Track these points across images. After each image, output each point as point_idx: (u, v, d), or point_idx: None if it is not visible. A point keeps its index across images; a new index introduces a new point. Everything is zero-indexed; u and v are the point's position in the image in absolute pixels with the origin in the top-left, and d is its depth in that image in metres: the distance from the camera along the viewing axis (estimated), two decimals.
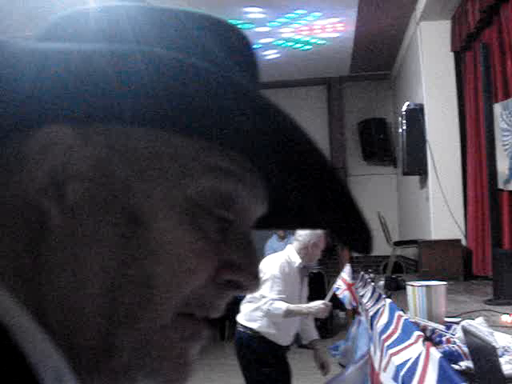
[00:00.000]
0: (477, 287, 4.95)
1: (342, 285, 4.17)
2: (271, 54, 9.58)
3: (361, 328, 4.31)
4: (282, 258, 4.19)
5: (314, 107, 11.33)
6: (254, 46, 0.68)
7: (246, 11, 7.90)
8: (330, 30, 8.55)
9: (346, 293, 4.19)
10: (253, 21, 8.22)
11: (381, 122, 10.68)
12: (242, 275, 0.59)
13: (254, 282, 0.60)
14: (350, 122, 11.10)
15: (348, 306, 4.17)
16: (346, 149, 11.12)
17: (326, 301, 4.15)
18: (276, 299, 3.93)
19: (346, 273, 4.22)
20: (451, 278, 5.24)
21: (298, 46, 9.21)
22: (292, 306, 3.96)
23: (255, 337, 4.02)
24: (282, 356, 4.18)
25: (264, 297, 3.95)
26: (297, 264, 4.19)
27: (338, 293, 4.21)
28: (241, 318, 4.14)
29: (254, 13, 7.98)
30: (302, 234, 4.24)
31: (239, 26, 0.67)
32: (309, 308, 4.06)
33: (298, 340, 8.48)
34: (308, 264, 4.31)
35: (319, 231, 4.22)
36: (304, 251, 4.19)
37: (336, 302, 4.55)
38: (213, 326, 0.62)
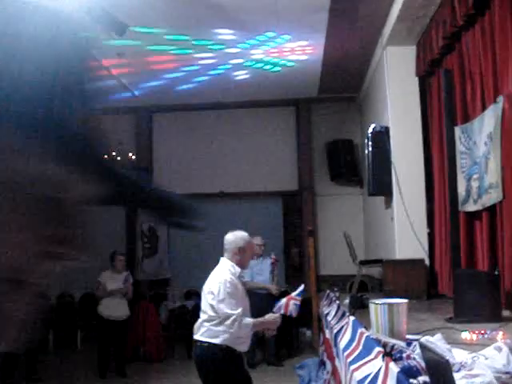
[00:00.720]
0: (439, 306, 5.06)
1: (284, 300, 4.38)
2: (241, 75, 9.70)
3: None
4: (227, 272, 4.32)
5: (282, 128, 11.48)
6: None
7: (217, 32, 8.01)
8: (299, 52, 8.71)
9: (282, 300, 4.40)
10: (223, 42, 8.33)
11: (348, 143, 10.86)
12: (64, 247, 0.63)
13: (75, 253, 0.65)
14: (317, 143, 11.26)
15: (275, 311, 4.33)
16: (314, 169, 11.27)
17: (278, 313, 4.36)
18: (240, 315, 4.08)
19: (298, 292, 4.39)
20: (415, 296, 5.36)
21: (268, 67, 9.34)
22: (257, 320, 4.23)
23: (217, 349, 4.14)
24: (242, 364, 4.38)
25: (229, 316, 4.06)
26: (238, 272, 4.36)
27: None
28: (201, 336, 4.24)
29: (225, 34, 8.09)
30: (227, 243, 4.49)
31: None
32: (269, 320, 4.30)
33: (267, 358, 8.54)
34: (243, 269, 4.48)
35: (242, 236, 4.51)
36: (236, 257, 4.39)
37: (301, 321, 4.63)
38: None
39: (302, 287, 4.33)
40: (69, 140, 0.63)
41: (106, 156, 0.73)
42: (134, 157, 10.75)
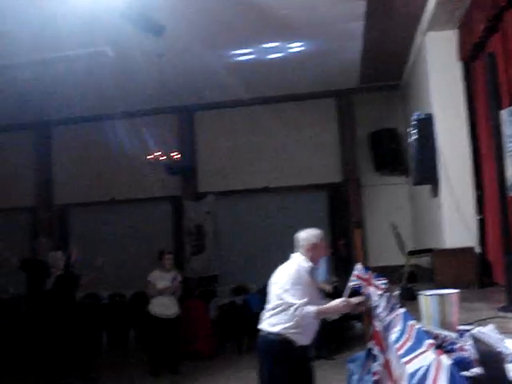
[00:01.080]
0: (492, 295, 4.94)
1: (359, 282, 4.17)
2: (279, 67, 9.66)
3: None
4: (296, 265, 4.46)
5: (324, 119, 11.40)
6: None
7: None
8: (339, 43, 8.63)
9: (369, 288, 4.18)
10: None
11: (392, 132, 10.71)
12: None
13: None
14: (360, 133, 11.13)
15: (374, 299, 4.16)
16: (358, 160, 11.15)
17: (345, 297, 4.28)
18: (304, 304, 4.23)
19: (358, 270, 4.21)
20: (466, 286, 5.25)
21: (308, 60, 9.27)
22: (321, 308, 4.29)
23: (275, 338, 4.30)
24: (303, 355, 4.44)
25: (292, 304, 4.23)
26: (306, 267, 4.46)
27: (361, 291, 4.23)
28: (263, 325, 4.43)
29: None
30: (301, 239, 4.56)
31: None
32: (334, 306, 4.31)
33: (319, 351, 8.49)
34: (315, 265, 4.52)
35: (315, 233, 4.57)
36: (309, 254, 4.50)
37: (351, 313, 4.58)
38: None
39: (358, 265, 4.25)
40: None
41: None
42: (178, 156, 10.83)
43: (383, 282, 4.08)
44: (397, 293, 4.55)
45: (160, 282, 8.45)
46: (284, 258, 4.79)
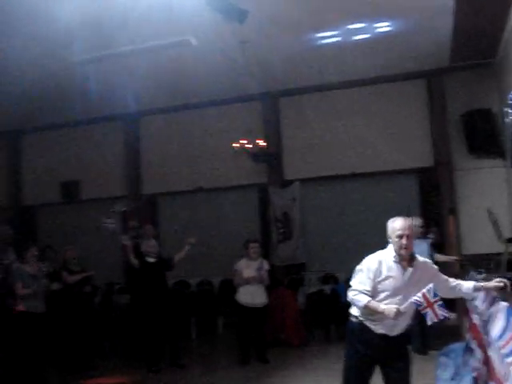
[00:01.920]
0: None
1: (423, 301, 4.04)
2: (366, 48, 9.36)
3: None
4: (379, 255, 4.42)
5: (413, 101, 10.96)
6: None
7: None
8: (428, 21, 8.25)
9: (428, 310, 4.08)
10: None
11: (486, 112, 10.15)
12: None
13: None
14: (452, 115, 10.63)
15: (429, 322, 4.05)
16: (450, 143, 10.66)
17: (402, 308, 4.15)
18: (360, 292, 4.30)
19: (428, 290, 4.07)
20: None
21: (395, 39, 8.93)
22: (371, 302, 4.24)
23: (354, 321, 4.46)
24: (382, 345, 4.35)
25: (350, 288, 4.38)
26: (392, 259, 4.35)
27: (419, 308, 4.08)
28: (352, 309, 4.52)
29: None
30: (388, 229, 4.43)
31: None
32: (383, 308, 4.19)
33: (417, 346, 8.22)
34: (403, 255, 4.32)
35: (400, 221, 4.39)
36: (394, 244, 4.36)
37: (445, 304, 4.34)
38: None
39: (431, 286, 4.05)
40: None
41: None
42: (263, 143, 10.77)
43: (445, 314, 4.02)
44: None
45: (246, 271, 8.42)
46: (372, 245, 4.62)
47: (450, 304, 8.00)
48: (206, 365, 8.51)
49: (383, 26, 8.47)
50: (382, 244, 4.52)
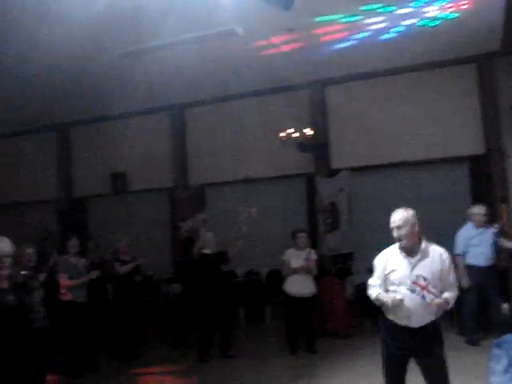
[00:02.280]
0: None
1: (415, 287, 4.37)
2: (414, 35, 9.15)
3: None
4: (388, 250, 4.70)
5: (462, 87, 10.65)
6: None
7: None
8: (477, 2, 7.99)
9: (424, 293, 4.34)
10: (395, 3, 7.91)
11: None
12: None
13: None
14: (504, 101, 10.30)
15: (428, 301, 4.31)
16: (502, 129, 10.34)
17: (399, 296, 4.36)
18: (373, 286, 4.64)
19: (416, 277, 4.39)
20: None
21: (443, 23, 8.69)
22: (380, 295, 4.49)
23: (383, 317, 4.66)
24: (402, 334, 4.45)
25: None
26: (397, 249, 4.58)
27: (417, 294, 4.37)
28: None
29: None
30: None
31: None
32: (386, 299, 4.42)
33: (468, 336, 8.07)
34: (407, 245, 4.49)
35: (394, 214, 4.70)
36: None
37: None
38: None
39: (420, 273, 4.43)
40: None
41: None
42: (310, 132, 10.68)
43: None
44: None
45: (294, 261, 8.39)
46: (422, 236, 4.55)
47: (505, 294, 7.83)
48: (254, 355, 8.52)
49: (432, 10, 8.26)
50: (433, 234, 4.45)
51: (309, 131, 10.63)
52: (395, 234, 4.53)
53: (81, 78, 10.02)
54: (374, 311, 9.35)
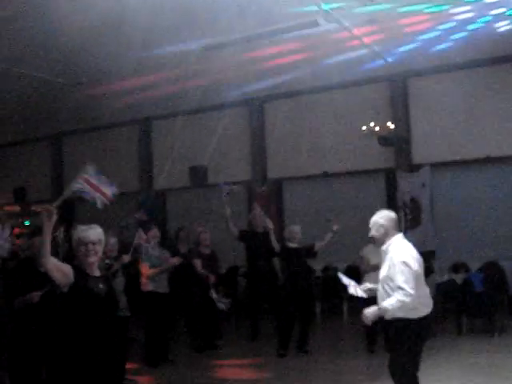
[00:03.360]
0: None
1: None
2: (504, 26, 8.74)
3: None
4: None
5: None
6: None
7: None
8: None
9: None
10: None
11: None
12: None
13: None
14: None
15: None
16: None
17: None
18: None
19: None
20: None
21: None
22: None
23: None
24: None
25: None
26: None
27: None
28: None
29: None
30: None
31: None
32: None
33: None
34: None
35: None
36: None
37: None
38: None
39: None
40: None
41: None
42: (392, 126, 10.43)
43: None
44: None
45: (373, 258, 8.19)
46: (509, 234, 4.31)
47: None
48: (331, 351, 8.39)
49: None
50: None
51: (390, 125, 10.39)
52: None
53: (161, 73, 10.18)
54: (457, 312, 9.14)
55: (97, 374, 3.86)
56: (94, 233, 3.92)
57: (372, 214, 4.88)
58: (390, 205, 11.45)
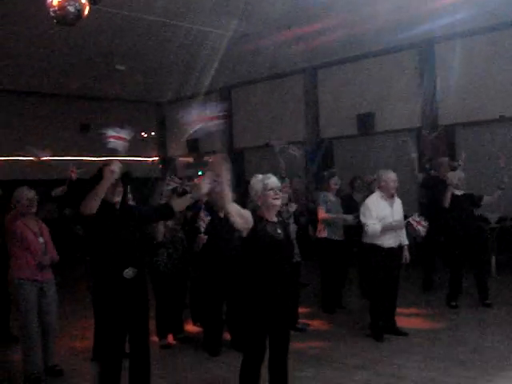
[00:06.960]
0: None
1: None
2: None
3: None
4: None
5: None
6: None
7: None
8: None
9: None
10: None
11: None
12: None
13: None
14: None
15: None
16: None
17: None
18: None
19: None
20: None
21: None
22: None
23: None
24: None
25: None
26: None
27: None
28: None
29: None
30: None
31: None
32: None
33: None
34: None
35: None
36: None
37: None
38: None
39: None
40: None
41: None
42: None
43: None
44: None
45: None
46: None
47: None
48: (509, 305, 7.97)
49: None
50: None
51: None
52: None
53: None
54: None
55: (274, 315, 4.02)
56: (275, 180, 4.10)
57: None
58: None
